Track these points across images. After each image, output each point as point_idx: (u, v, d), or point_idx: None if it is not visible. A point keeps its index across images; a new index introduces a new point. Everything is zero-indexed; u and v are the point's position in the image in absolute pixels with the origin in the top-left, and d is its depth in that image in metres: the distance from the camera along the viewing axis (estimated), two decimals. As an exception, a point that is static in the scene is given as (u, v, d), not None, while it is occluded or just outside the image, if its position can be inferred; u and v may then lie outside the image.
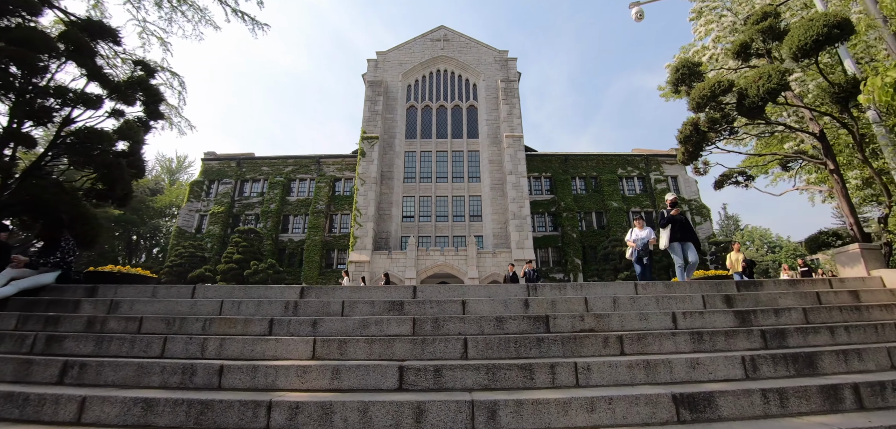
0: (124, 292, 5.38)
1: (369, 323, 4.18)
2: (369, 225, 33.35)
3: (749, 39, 7.54)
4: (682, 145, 8.26)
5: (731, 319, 4.45)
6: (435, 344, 3.67)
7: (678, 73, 8.34)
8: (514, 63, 40.96)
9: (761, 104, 6.61)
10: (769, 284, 5.62)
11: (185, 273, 34.62)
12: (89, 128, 7.67)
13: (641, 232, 8.43)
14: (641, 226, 8.69)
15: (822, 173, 10.95)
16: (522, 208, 33.71)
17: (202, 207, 40.98)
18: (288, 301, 4.67)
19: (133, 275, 9.10)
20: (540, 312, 4.57)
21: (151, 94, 9.01)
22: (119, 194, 8.29)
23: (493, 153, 38.04)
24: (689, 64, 8.34)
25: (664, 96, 27.23)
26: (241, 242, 34.65)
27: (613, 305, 4.72)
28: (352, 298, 4.84)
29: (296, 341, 3.76)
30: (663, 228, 8.00)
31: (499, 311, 4.57)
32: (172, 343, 3.88)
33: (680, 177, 42.30)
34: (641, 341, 3.84)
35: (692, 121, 7.75)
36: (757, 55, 8.00)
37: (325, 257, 37.95)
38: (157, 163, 59.67)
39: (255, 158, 43.81)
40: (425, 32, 43.07)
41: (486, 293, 5.01)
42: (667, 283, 5.33)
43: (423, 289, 4.99)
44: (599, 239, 37.77)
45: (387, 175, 37.39)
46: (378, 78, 39.92)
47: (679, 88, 8.75)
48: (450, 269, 32.06)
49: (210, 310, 4.71)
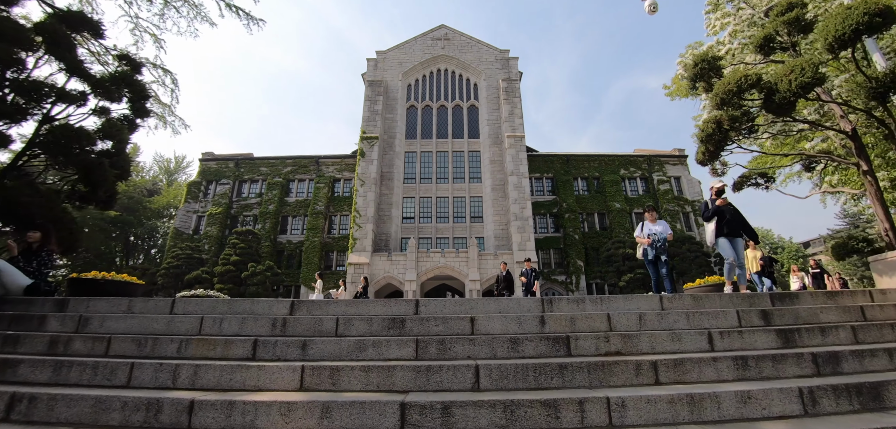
0: (97, 306, 4.89)
1: (366, 345, 3.68)
2: (369, 226, 32.85)
3: (773, 32, 7.07)
4: (702, 145, 7.74)
5: (774, 339, 3.96)
6: (441, 373, 3.17)
7: (697, 67, 7.84)
8: (515, 62, 40.48)
9: (793, 100, 6.13)
10: (806, 297, 5.12)
11: (181, 275, 34.11)
12: (67, 126, 7.18)
13: (655, 226, 7.04)
14: (654, 218, 7.23)
15: (843, 174, 10.48)
16: (524, 210, 33.21)
17: (200, 208, 40.48)
18: (276, 318, 4.17)
19: (118, 282, 8.61)
20: (558, 330, 4.08)
21: (137, 91, 8.52)
22: (102, 196, 7.79)
23: (494, 153, 37.56)
24: (708, 58, 7.84)
25: (670, 95, 26.75)
26: (239, 243, 34.15)
27: (639, 323, 4.22)
28: (347, 315, 4.35)
29: (281, 367, 3.27)
30: (708, 221, 6.69)
31: (512, 329, 4.07)
32: (141, 370, 3.38)
33: (683, 177, 41.82)
34: (678, 367, 3.34)
35: (715, 118, 7.24)
36: (781, 49, 7.52)
37: (324, 259, 37.44)
38: (155, 163, 59.31)
39: (253, 158, 43.32)
40: (425, 32, 42.60)
41: (497, 308, 4.52)
42: (694, 295, 4.83)
43: (426, 303, 4.50)
44: (602, 241, 37.28)
45: (387, 176, 36.90)
46: (378, 77, 39.44)
47: (697, 84, 8.26)
48: (450, 271, 31.57)
49: (188, 328, 4.21)
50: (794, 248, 77.75)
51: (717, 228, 6.55)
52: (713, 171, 8.86)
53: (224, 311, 4.61)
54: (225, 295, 12.77)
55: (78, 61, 7.42)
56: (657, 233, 6.94)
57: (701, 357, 3.46)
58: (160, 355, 3.78)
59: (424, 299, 4.61)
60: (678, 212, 39.42)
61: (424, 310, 4.48)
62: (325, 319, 4.09)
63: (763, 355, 3.51)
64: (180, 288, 33.33)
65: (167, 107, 15.85)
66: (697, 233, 38.57)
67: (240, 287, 32.26)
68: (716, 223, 6.58)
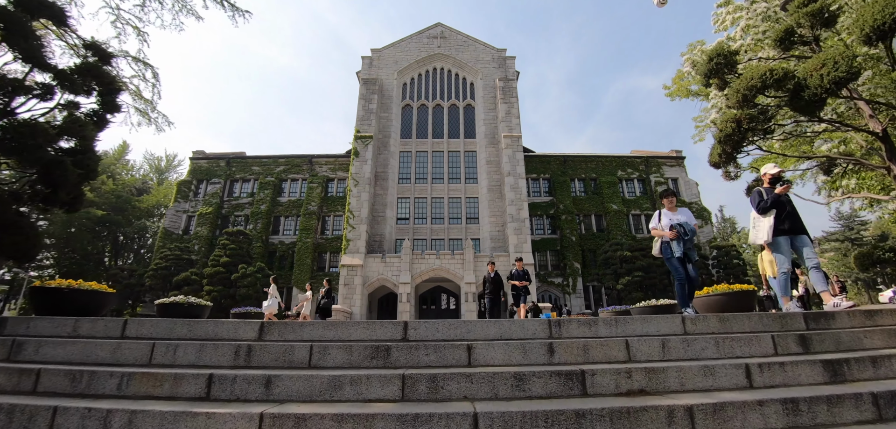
0: (38, 327, 4.25)
1: (343, 382, 3.08)
2: (362, 227, 32.18)
3: (794, 25, 6.55)
4: (719, 145, 7.18)
5: (820, 372, 3.40)
6: (433, 422, 2.58)
7: (712, 62, 7.28)
8: (512, 62, 39.94)
9: (824, 96, 5.59)
10: (842, 317, 4.58)
11: (170, 277, 33.27)
12: (23, 122, 6.51)
13: (676, 215, 5.54)
14: (673, 205, 5.71)
15: (860, 177, 10.00)
16: (521, 211, 32.68)
17: (190, 208, 39.62)
18: (240, 345, 3.56)
19: (84, 291, 7.92)
20: (570, 360, 3.50)
21: (107, 84, 7.85)
22: (64, 198, 7.12)
23: (490, 154, 37.00)
24: (725, 53, 7.30)
25: (670, 95, 26.35)
26: (229, 244, 33.34)
27: (663, 351, 3.65)
28: (323, 341, 3.76)
29: (236, 415, 2.65)
30: (765, 213, 5.16)
31: (515, 359, 3.49)
32: (65, 417, 2.76)
33: (680, 179, 41.51)
34: (718, 414, 2.77)
35: (734, 117, 6.69)
36: (802, 43, 7.01)
37: (316, 260, 36.73)
38: (145, 161, 58.18)
39: (245, 157, 42.49)
40: (421, 30, 41.97)
41: (497, 332, 3.93)
42: (720, 316, 4.28)
43: (416, 326, 3.90)
44: (599, 243, 36.85)
45: (381, 176, 36.24)
46: (372, 76, 38.75)
47: (710, 81, 7.72)
48: (446, 273, 30.98)
49: (137, 357, 3.59)
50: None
51: (776, 224, 5.06)
52: (726, 174, 8.35)
53: (182, 335, 3.99)
54: (208, 302, 12.12)
55: (34, 50, 6.74)
56: (679, 223, 5.40)
57: (743, 399, 2.89)
58: (95, 394, 3.15)
59: (414, 321, 4.01)
60: (676, 214, 39.07)
61: (414, 333, 3.88)
62: (298, 347, 3.48)
63: (816, 396, 2.94)
64: (168, 290, 32.47)
65: (149, 103, 15.15)
66: (695, 235, 38.20)
67: (230, 289, 31.47)
68: (774, 219, 5.07)
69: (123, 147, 48.46)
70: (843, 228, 62.92)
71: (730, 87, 6.73)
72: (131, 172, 51.97)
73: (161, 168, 56.68)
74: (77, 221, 37.76)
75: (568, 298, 34.32)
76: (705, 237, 38.53)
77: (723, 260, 34.61)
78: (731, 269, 34.09)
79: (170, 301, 11.04)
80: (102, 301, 8.44)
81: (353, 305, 29.50)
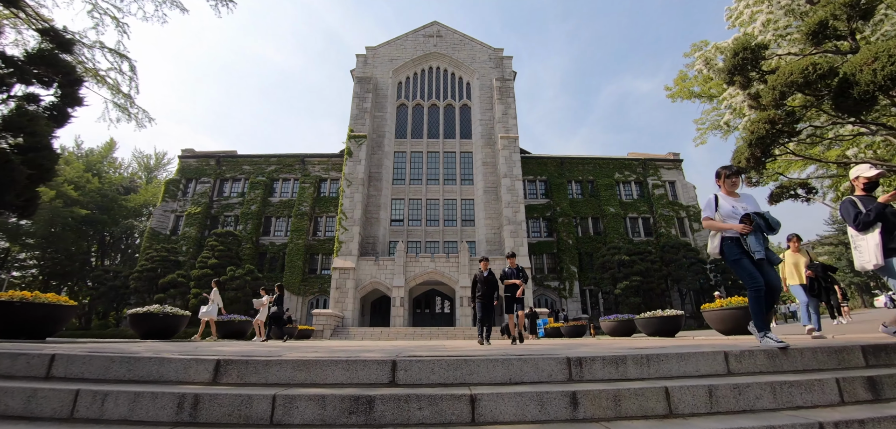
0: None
1: (311, 452, 2.35)
2: (355, 229, 31.36)
3: (830, 16, 5.91)
4: (748, 148, 6.52)
5: (907, 432, 2.73)
6: None
7: (737, 58, 6.63)
8: (509, 62, 39.32)
9: (875, 93, 4.95)
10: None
11: (156, 278, 32.25)
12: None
13: (741, 200, 4.07)
14: (737, 186, 4.22)
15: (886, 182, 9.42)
16: (517, 213, 32.04)
17: (178, 208, 38.54)
18: (186, 394, 2.83)
19: (39, 305, 7.11)
20: (598, 415, 2.80)
21: (65, 74, 7.03)
22: (14, 201, 6.31)
23: (486, 155, 36.33)
24: (751, 48, 6.64)
25: (671, 97, 25.84)
26: (218, 245, 32.40)
27: (710, 400, 2.97)
28: (292, 386, 3.04)
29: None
30: (866, 230, 4.06)
31: (531, 414, 2.79)
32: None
33: (678, 182, 41.13)
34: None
35: (769, 117, 6.04)
36: (837, 37, 6.39)
37: (308, 262, 35.84)
38: (133, 159, 56.80)
39: (236, 156, 41.47)
40: (417, 28, 41.22)
41: (505, 374, 3.24)
42: (768, 352, 3.61)
43: (407, 367, 3.19)
44: (596, 246, 36.31)
45: (375, 176, 35.43)
46: (367, 74, 37.94)
47: (733, 78, 7.08)
48: (440, 277, 30.25)
49: (55, 408, 2.85)
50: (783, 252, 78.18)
51: (885, 242, 3.97)
52: (748, 180, 7.72)
53: (119, 376, 3.24)
54: (185, 312, 11.28)
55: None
56: (763, 213, 3.93)
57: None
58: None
59: (405, 360, 3.29)
60: (672, 217, 38.68)
61: (404, 376, 3.17)
62: (257, 398, 2.76)
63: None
64: (154, 293, 31.44)
65: (128, 97, 14.30)
66: (692, 239, 37.85)
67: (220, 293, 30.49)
68: (881, 234, 3.98)
69: (110, 144, 47.21)
70: (837, 231, 63.11)
71: (764, 85, 6.10)
72: (119, 169, 50.67)
73: (150, 166, 55.37)
74: (60, 221, 36.55)
75: (564, 302, 33.74)
76: (703, 241, 38.13)
77: (721, 265, 34.20)
78: (729, 274, 33.72)
79: (144, 312, 10.23)
80: (61, 316, 7.64)
81: (344, 309, 28.68)
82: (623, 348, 4.23)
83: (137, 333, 10.33)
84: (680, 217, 39.25)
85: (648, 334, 12.06)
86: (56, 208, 34.86)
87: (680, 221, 39.19)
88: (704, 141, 23.74)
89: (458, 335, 24.82)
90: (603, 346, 5.63)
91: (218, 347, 5.84)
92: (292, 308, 33.59)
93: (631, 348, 4.03)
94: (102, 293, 34.43)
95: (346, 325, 28.05)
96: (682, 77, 23.22)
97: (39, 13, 13.17)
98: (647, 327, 12.01)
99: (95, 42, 12.62)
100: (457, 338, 23.76)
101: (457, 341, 13.64)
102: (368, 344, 9.93)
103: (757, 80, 7.25)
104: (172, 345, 7.07)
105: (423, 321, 32.99)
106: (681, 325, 11.68)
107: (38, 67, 6.64)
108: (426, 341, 13.81)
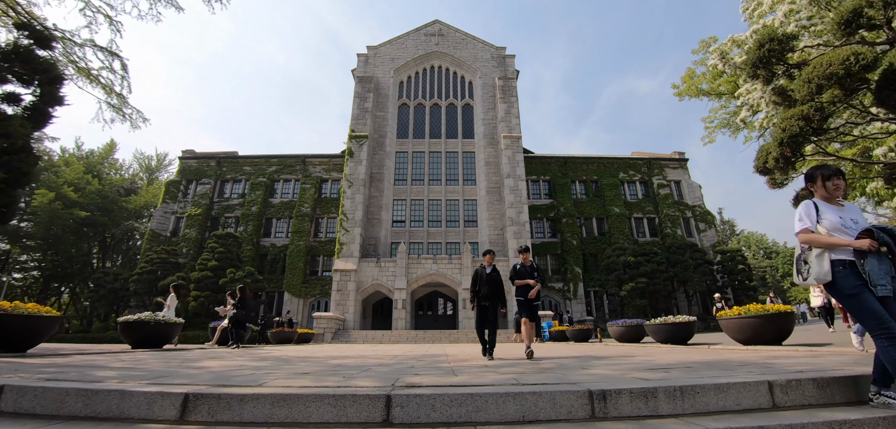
0: None
1: None
2: (356, 230, 30.95)
3: (865, 4, 5.42)
4: (779, 147, 6.04)
5: None
6: None
7: (763, 49, 6.15)
8: (512, 60, 38.82)
9: (926, 86, 4.50)
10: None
11: (156, 281, 31.96)
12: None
13: (846, 210, 3.04)
14: (840, 191, 3.19)
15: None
16: (521, 214, 31.55)
17: (178, 209, 38.27)
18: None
19: (18, 316, 6.71)
20: (629, 468, 2.37)
21: (43, 72, 6.64)
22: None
23: (489, 155, 35.85)
24: (779, 38, 6.15)
25: (678, 95, 25.30)
26: (218, 247, 32.06)
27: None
28: (270, 425, 2.61)
29: None
30: None
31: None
32: None
33: (683, 182, 40.54)
34: None
35: (802, 114, 5.56)
36: (870, 27, 5.90)
37: (309, 264, 35.48)
38: (134, 160, 56.59)
39: (236, 157, 41.17)
40: (419, 27, 40.79)
41: (517, 409, 2.80)
42: (816, 379, 3.16)
43: (405, 403, 2.75)
44: (601, 247, 35.78)
45: (376, 177, 35.02)
46: (368, 73, 37.54)
47: (758, 72, 6.60)
48: (442, 278, 29.82)
49: (-10, 455, 2.45)
50: (789, 253, 77.05)
51: None
52: (772, 181, 7.20)
53: (74, 412, 2.81)
54: (179, 319, 10.89)
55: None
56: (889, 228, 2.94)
57: None
58: None
59: (401, 395, 2.86)
60: (678, 217, 38.10)
61: (400, 414, 2.73)
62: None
63: None
64: (154, 295, 31.13)
65: (120, 97, 13.95)
66: (698, 239, 37.28)
67: (217, 294, 30.17)
68: None
69: (111, 146, 47.01)
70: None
71: (788, 79, 5.65)
72: (120, 171, 50.46)
73: (151, 167, 55.18)
74: (59, 223, 36.30)
75: (569, 304, 33.23)
76: (709, 242, 37.58)
77: (728, 265, 33.63)
78: (736, 274, 33.13)
79: (134, 320, 9.83)
80: (44, 326, 7.25)
81: (346, 312, 28.28)
82: (651, 378, 3.77)
83: (128, 341, 9.93)
84: (686, 217, 38.67)
85: (659, 341, 11.60)
86: (55, 210, 34.61)
87: (686, 221, 38.61)
88: (713, 140, 23.23)
89: (461, 339, 24.37)
90: (618, 358, 5.17)
91: (193, 367, 5.42)
92: (294, 311, 33.25)
93: (660, 377, 3.57)
94: (103, 296, 34.15)
95: (347, 328, 27.65)
96: (689, 74, 22.69)
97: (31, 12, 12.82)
98: (658, 333, 11.54)
99: (86, 40, 12.28)
100: (460, 342, 23.32)
101: (460, 346, 13.17)
102: (367, 352, 9.48)
103: (782, 74, 6.80)
104: (157, 358, 6.66)
105: (426, 324, 32.57)
106: (693, 332, 11.20)
107: (11, 63, 6.23)
108: (428, 347, 13.35)
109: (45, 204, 34.35)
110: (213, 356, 6.87)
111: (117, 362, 5.88)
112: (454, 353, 9.22)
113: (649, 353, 7.57)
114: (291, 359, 6.43)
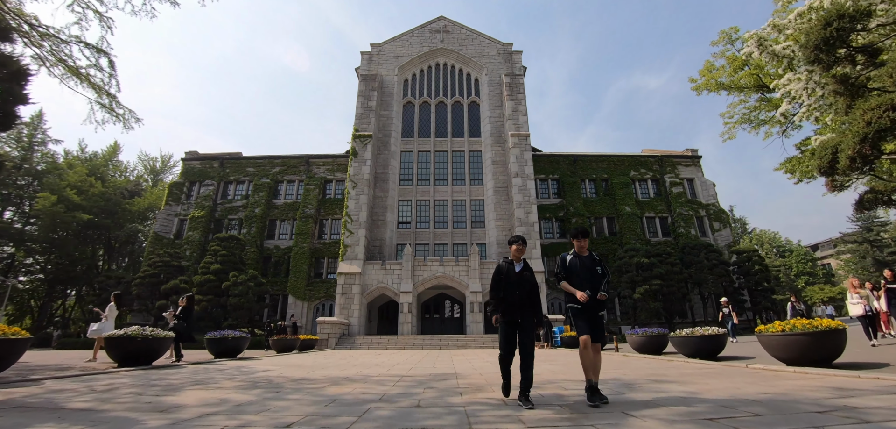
0: None
1: None
2: (361, 232, 30.25)
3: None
4: (859, 145, 5.13)
5: None
6: None
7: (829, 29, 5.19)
8: (519, 57, 37.91)
9: None
10: None
11: (158, 284, 31.46)
12: None
13: None
14: None
15: None
16: (530, 214, 30.67)
17: (182, 211, 37.85)
18: None
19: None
20: None
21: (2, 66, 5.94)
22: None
23: (496, 153, 34.97)
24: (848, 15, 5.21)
25: (696, 89, 24.24)
26: (221, 250, 31.52)
27: None
28: None
29: None
30: None
31: None
32: None
33: (696, 180, 39.40)
34: None
35: (892, 103, 4.69)
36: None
37: (313, 266, 34.88)
38: (139, 162, 56.39)
39: (240, 157, 40.67)
40: (423, 24, 40.00)
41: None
42: None
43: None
44: (612, 247, 34.77)
45: (381, 177, 34.28)
46: (372, 72, 36.82)
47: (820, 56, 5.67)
48: (450, 281, 29.02)
49: None
50: (803, 251, 75.23)
51: None
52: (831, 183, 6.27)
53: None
54: (168, 333, 10.18)
55: None
56: None
57: None
58: None
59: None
60: (692, 216, 36.98)
61: None
62: None
63: None
64: (157, 299, 30.67)
65: (111, 96, 13.32)
66: (713, 238, 36.15)
67: (220, 298, 29.62)
68: None
69: (114, 148, 46.77)
70: (861, 228, 60.41)
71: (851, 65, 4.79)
72: (124, 173, 50.24)
73: (156, 169, 54.95)
74: (62, 226, 36.01)
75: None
76: (724, 242, 36.43)
77: (744, 266, 32.46)
78: (753, 275, 31.96)
79: (120, 335, 9.14)
80: (11, 350, 6.55)
81: (350, 316, 27.60)
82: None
83: (113, 358, 9.25)
84: (700, 216, 37.54)
85: (686, 355, 10.71)
86: (57, 213, 34.28)
87: (699, 221, 37.49)
88: (733, 136, 22.20)
89: (469, 344, 23.58)
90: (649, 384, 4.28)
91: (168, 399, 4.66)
92: (298, 314, 32.66)
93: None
94: (107, 299, 33.77)
95: (351, 333, 26.97)
96: (708, 67, 21.70)
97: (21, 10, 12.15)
98: (685, 346, 10.66)
99: (72, 37, 11.63)
100: (468, 347, 22.52)
101: (469, 358, 12.34)
102: (371, 363, 8.73)
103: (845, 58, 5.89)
104: (136, 383, 5.92)
105: (433, 328, 31.82)
106: (724, 344, 10.32)
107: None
108: (435, 359, 12.57)
109: (47, 207, 34.04)
110: (196, 383, 6.12)
111: (87, 391, 5.16)
112: (465, 370, 8.41)
113: (684, 376, 6.71)
114: (283, 387, 5.67)
